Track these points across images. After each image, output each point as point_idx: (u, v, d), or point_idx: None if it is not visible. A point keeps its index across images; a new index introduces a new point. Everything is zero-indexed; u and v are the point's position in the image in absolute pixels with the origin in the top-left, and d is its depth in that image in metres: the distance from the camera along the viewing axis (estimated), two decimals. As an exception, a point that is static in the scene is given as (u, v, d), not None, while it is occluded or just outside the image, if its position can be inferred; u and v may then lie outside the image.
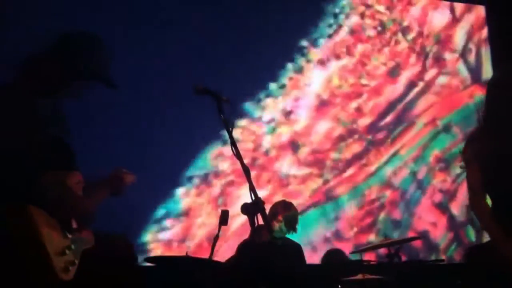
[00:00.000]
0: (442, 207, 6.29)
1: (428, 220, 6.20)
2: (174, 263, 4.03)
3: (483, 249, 3.31)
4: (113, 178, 2.78)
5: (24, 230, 2.20)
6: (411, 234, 5.94)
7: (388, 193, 6.13)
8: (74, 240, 2.41)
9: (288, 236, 4.64)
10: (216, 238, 4.06)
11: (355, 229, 5.92)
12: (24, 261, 2.18)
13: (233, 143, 2.43)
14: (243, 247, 4.52)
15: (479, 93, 6.47)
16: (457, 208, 6.32)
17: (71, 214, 2.44)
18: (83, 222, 2.48)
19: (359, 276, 4.27)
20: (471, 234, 6.31)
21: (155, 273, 4.29)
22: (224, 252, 4.82)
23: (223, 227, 4.11)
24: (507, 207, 2.88)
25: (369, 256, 5.14)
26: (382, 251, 5.01)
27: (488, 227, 2.92)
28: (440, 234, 6.20)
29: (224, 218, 4.08)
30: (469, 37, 6.90)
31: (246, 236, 4.59)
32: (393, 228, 5.99)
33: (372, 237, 5.90)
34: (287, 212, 4.58)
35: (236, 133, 5.48)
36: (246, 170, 2.38)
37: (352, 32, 6.44)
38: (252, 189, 2.35)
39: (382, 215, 6.06)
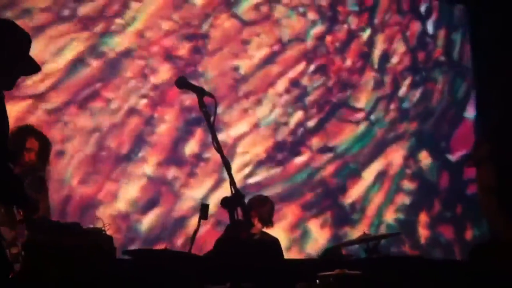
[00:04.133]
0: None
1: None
2: (152, 256, 4.02)
3: (491, 246, 3.30)
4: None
5: None
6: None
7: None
8: (19, 232, 2.46)
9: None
10: (195, 232, 4.05)
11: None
12: None
13: (214, 137, 2.43)
14: (220, 242, 4.51)
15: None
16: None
17: (21, 205, 2.48)
18: (29, 212, 2.52)
19: (337, 271, 4.29)
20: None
21: (133, 266, 4.28)
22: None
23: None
24: None
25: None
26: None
27: (501, 225, 2.91)
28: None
29: (204, 212, 4.07)
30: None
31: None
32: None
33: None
34: (262, 207, 4.56)
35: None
36: (226, 164, 2.39)
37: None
38: (232, 183, 2.35)
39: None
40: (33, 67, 2.61)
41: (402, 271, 4.82)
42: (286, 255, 4.92)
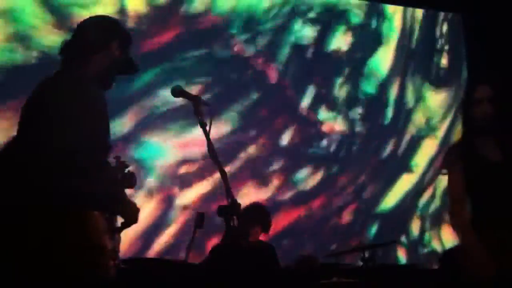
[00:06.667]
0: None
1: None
2: (149, 265, 4.01)
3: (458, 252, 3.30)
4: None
5: (88, 236, 2.11)
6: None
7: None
8: (117, 242, 2.40)
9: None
10: (191, 240, 4.05)
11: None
12: (83, 266, 2.10)
13: (210, 145, 2.43)
14: (216, 250, 4.50)
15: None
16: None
17: (121, 213, 2.33)
18: (128, 221, 2.34)
19: (334, 280, 4.29)
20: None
21: (129, 275, 4.26)
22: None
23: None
24: (488, 213, 2.89)
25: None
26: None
27: (465, 237, 2.90)
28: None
29: (199, 221, 4.06)
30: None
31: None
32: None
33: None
34: (265, 217, 4.57)
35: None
36: (222, 172, 2.38)
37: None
38: (228, 191, 2.35)
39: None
40: (132, 67, 2.53)
41: (398, 279, 4.82)
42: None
